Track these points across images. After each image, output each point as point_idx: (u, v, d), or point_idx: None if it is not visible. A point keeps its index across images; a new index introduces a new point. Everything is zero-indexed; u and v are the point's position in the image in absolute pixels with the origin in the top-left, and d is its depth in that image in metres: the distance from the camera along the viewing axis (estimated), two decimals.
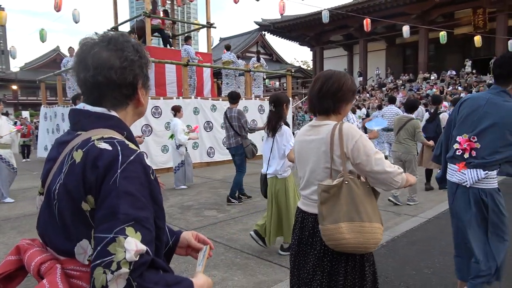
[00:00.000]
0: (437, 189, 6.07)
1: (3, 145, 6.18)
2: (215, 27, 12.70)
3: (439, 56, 24.70)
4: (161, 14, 12.35)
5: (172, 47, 12.78)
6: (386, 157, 2.24)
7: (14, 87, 35.61)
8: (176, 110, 7.02)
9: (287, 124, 3.78)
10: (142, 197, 0.88)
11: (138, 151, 0.93)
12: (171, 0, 13.57)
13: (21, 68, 41.27)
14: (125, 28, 13.49)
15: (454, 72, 21.76)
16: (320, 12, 17.00)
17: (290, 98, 12.49)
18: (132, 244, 0.80)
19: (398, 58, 27.31)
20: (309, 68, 41.10)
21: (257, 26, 31.58)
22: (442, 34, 16.83)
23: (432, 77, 22.06)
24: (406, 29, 16.19)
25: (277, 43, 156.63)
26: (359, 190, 1.64)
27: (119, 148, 0.89)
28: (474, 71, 20.99)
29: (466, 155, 2.33)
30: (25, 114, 23.43)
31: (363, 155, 1.64)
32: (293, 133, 3.44)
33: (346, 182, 1.63)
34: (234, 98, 6.00)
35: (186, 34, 11.66)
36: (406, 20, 19.70)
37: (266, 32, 32.87)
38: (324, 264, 1.72)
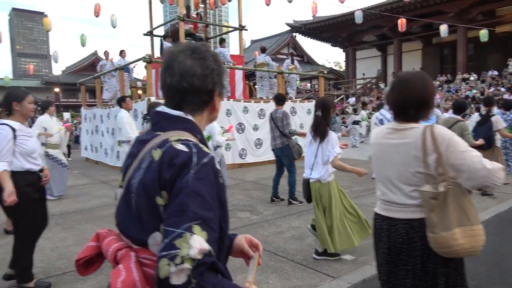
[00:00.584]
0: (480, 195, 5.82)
1: (53, 145, 6.49)
2: (246, 30, 12.80)
3: (479, 55, 23.66)
4: (195, 18, 12.57)
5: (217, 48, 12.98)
6: None
7: (56, 89, 37.36)
8: None
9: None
10: (210, 198, 0.93)
11: (211, 154, 0.99)
12: (204, 4, 13.81)
13: (63, 71, 43.32)
14: (159, 32, 13.86)
15: (496, 72, 20.77)
16: (353, 13, 16.72)
17: None
18: (197, 242, 0.84)
19: (435, 58, 26.38)
20: (341, 69, 40.52)
21: (288, 28, 31.50)
22: (483, 33, 16.09)
23: (472, 78, 21.15)
24: (444, 28, 15.61)
25: (308, 44, 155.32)
26: (462, 193, 1.61)
27: (194, 150, 0.96)
28: None
29: None
30: (66, 115, 24.55)
31: (458, 155, 1.59)
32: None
33: (451, 187, 1.59)
34: (280, 99, 6.08)
35: (220, 37, 11.80)
36: (443, 18, 19.01)
37: (297, 34, 32.72)
38: (428, 269, 1.69)
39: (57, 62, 15.28)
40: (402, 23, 15.75)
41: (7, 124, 2.97)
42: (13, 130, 2.99)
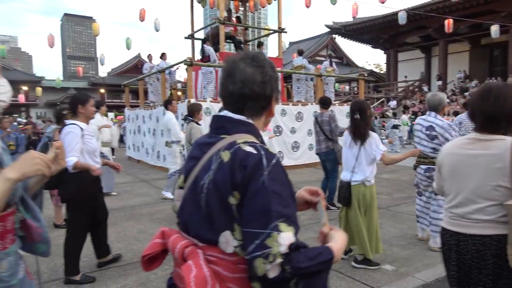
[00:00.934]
0: None
1: (104, 143, 6.81)
2: (286, 32, 12.76)
3: None
4: (234, 21, 12.72)
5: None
6: None
7: (102, 90, 39.20)
8: None
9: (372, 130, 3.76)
10: (286, 195, 1.00)
11: (277, 155, 1.06)
12: (244, 7, 13.93)
13: (108, 73, 45.37)
14: (200, 35, 14.14)
15: None
16: (396, 13, 16.20)
17: None
18: (285, 239, 0.93)
19: (484, 60, 24.95)
20: (382, 72, 39.43)
21: (328, 30, 31.09)
22: None
23: None
24: (495, 29, 14.79)
25: (347, 46, 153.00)
26: None
27: (262, 152, 1.02)
28: None
29: None
30: (111, 115, 25.65)
31: None
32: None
33: None
34: (325, 103, 6.01)
35: (258, 40, 11.87)
36: (493, 18, 17.97)
37: (336, 35, 32.22)
38: (501, 285, 1.62)
39: (103, 64, 16.06)
40: (449, 23, 15.09)
41: (76, 124, 3.26)
42: (81, 129, 3.27)
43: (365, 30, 26.65)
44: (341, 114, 11.39)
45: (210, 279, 0.99)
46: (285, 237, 0.93)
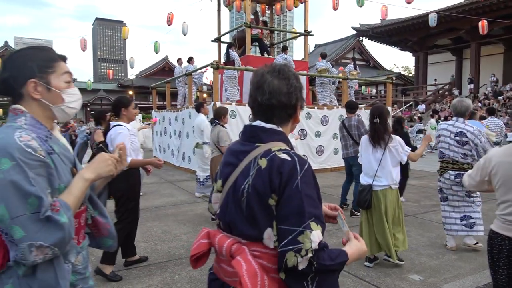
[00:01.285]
0: None
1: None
2: (312, 35, 12.69)
3: None
4: (261, 24, 12.76)
5: (270, 56, 13.10)
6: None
7: (130, 92, 40.22)
8: None
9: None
10: (316, 198, 1.14)
11: (307, 160, 1.17)
12: (270, 10, 13.96)
13: (136, 75, 46.47)
14: (226, 38, 14.28)
15: None
16: (426, 15, 15.80)
17: (390, 107, 11.84)
18: (316, 236, 1.07)
19: None
20: (410, 74, 38.52)
21: (354, 32, 30.68)
22: None
23: None
24: None
25: (374, 48, 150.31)
26: None
27: (295, 159, 1.15)
28: None
29: None
30: (138, 116, 26.26)
31: None
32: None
33: None
34: (352, 107, 5.97)
35: (283, 44, 11.87)
36: None
37: (363, 38, 31.73)
38: None
39: (133, 67, 16.45)
40: (483, 24, 14.56)
41: (123, 125, 3.48)
42: (128, 130, 3.50)
43: (394, 32, 26.12)
44: (367, 117, 11.21)
45: (259, 271, 1.12)
46: (316, 235, 1.07)
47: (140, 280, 3.49)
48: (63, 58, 1.32)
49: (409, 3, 11.53)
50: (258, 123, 1.26)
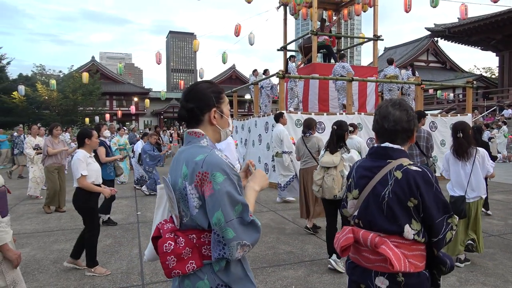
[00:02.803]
0: None
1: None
2: (382, 39, 12.21)
3: None
4: (329, 31, 12.52)
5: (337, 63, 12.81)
6: None
7: None
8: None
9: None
10: (443, 196, 1.58)
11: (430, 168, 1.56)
12: (337, 16, 13.69)
13: None
14: (292, 47, 14.28)
15: None
16: None
17: (470, 114, 10.88)
18: (456, 219, 1.59)
19: None
20: (493, 76, 35.14)
21: (428, 33, 28.90)
22: None
23: None
24: None
25: (451, 49, 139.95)
26: None
27: (425, 169, 1.55)
28: None
29: None
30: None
31: None
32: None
33: None
34: (421, 116, 5.75)
35: (340, 53, 11.56)
36: None
37: (438, 38, 29.74)
38: None
39: (202, 78, 17.18)
40: None
41: (81, 152, 4.01)
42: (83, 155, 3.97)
43: (474, 31, 24.10)
44: (444, 125, 10.44)
45: (401, 255, 1.51)
46: (457, 220, 1.56)
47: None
48: (223, 91, 1.59)
49: (495, 2, 10.51)
50: (386, 144, 1.65)
